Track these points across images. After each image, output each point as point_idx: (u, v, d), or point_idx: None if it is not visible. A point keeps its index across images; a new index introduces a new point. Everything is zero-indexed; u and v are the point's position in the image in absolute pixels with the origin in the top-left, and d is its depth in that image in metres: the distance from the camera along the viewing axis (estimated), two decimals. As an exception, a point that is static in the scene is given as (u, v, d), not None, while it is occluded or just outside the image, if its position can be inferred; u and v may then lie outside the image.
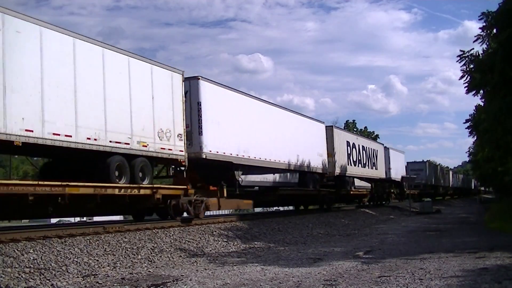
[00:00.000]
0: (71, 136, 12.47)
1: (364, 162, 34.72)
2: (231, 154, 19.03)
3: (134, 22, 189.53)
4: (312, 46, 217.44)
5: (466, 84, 16.19)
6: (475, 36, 15.59)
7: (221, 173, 19.07)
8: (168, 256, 12.40)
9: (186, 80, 17.29)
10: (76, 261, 10.42)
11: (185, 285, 8.84)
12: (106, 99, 13.62)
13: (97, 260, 10.83)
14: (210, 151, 17.84)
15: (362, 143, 35.18)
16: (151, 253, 12.32)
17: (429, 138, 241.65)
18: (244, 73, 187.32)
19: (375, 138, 62.55)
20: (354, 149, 32.59)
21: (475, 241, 16.18)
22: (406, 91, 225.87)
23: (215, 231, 16.15)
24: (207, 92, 18.01)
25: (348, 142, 31.79)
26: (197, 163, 17.57)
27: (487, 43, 15.63)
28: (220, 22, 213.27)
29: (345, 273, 9.71)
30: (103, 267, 10.56)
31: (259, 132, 21.37)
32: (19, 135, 11.16)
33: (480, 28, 15.36)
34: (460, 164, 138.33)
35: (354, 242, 16.80)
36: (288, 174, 24.27)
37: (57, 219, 28.20)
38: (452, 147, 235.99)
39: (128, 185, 14.22)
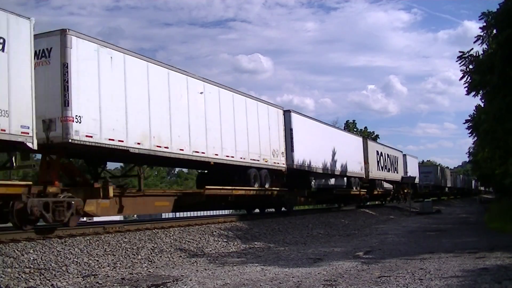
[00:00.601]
0: (233, 157, 19.36)
1: (388, 168, 41.18)
2: (308, 165, 25.37)
3: (133, 22, 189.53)
4: (311, 46, 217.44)
5: (466, 85, 16.19)
6: (475, 37, 15.59)
7: (301, 179, 25.51)
8: (168, 256, 12.40)
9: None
10: (76, 261, 10.43)
11: (185, 285, 8.84)
12: (249, 132, 20.65)
13: (97, 260, 10.83)
14: (298, 163, 24.24)
15: (387, 151, 41.66)
16: (151, 253, 12.32)
17: (429, 138, 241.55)
18: (244, 73, 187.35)
19: (375, 138, 62.69)
20: (381, 156, 39.22)
21: (475, 241, 16.19)
22: (406, 91, 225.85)
23: (215, 231, 16.16)
24: (295, 121, 24.53)
25: (377, 151, 38.38)
26: (281, 171, 23.52)
27: (487, 44, 15.63)
28: (220, 22, 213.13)
29: (345, 273, 9.71)
30: (103, 267, 10.57)
31: (324, 148, 28.01)
32: (212, 158, 18.02)
33: (480, 28, 15.37)
34: (460, 164, 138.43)
35: (354, 242, 16.81)
36: (340, 178, 31.09)
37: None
38: (452, 147, 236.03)
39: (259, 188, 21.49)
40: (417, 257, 12.02)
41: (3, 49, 11.18)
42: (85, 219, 28.40)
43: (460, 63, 16.03)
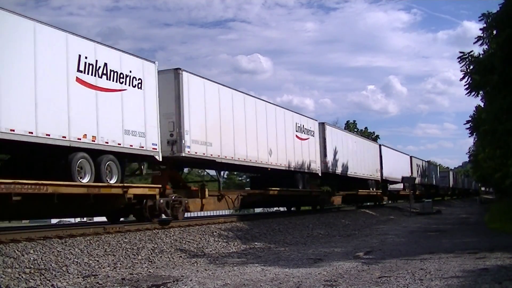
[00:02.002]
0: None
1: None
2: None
3: (133, 23, 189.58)
4: (311, 47, 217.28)
5: (467, 85, 16.20)
6: (475, 38, 15.61)
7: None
8: (168, 257, 12.40)
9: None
10: (77, 262, 10.43)
11: (185, 285, 8.84)
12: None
13: (98, 261, 10.83)
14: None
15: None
16: (151, 253, 12.32)
17: (429, 138, 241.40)
18: (244, 73, 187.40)
19: (375, 138, 62.73)
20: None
21: (475, 241, 16.19)
22: (405, 91, 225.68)
23: (215, 232, 16.15)
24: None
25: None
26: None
27: (487, 44, 15.64)
28: (220, 22, 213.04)
29: (346, 274, 9.71)
30: (103, 268, 10.57)
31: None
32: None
33: (480, 29, 15.39)
34: (461, 164, 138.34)
35: (355, 243, 16.80)
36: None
37: (57, 220, 28.19)
38: (452, 148, 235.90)
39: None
40: (417, 257, 12.02)
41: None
42: (85, 219, 28.45)
43: (460, 64, 16.06)
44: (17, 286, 8.56)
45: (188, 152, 16.39)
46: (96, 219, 23.81)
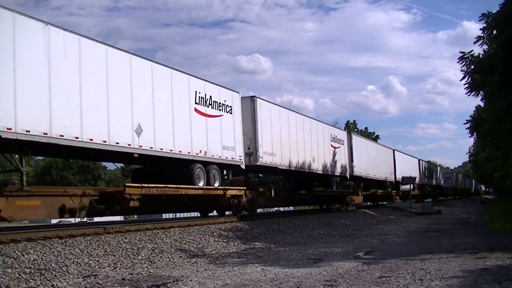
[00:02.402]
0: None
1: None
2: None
3: (133, 23, 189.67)
4: (311, 47, 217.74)
5: (467, 85, 16.20)
6: (475, 38, 15.61)
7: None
8: (168, 257, 12.40)
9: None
10: (77, 262, 10.43)
11: (186, 285, 8.84)
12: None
13: (98, 261, 10.83)
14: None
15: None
16: (152, 253, 12.32)
17: (428, 138, 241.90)
18: (243, 73, 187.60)
19: (375, 138, 62.80)
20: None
21: (475, 241, 16.19)
22: (405, 91, 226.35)
23: (216, 232, 16.15)
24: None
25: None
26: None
27: (488, 44, 15.64)
28: (219, 22, 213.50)
29: (346, 274, 9.71)
30: (103, 268, 10.57)
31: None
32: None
33: (480, 29, 15.39)
34: (461, 164, 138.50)
35: (355, 243, 16.80)
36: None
37: (58, 220, 28.18)
38: (452, 148, 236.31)
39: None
40: (417, 257, 12.02)
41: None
42: (85, 219, 28.43)
43: (461, 64, 16.06)
44: (17, 286, 8.56)
45: (261, 161, 21.05)
46: (96, 219, 23.82)
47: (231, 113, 19.68)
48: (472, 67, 15.91)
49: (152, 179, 16.12)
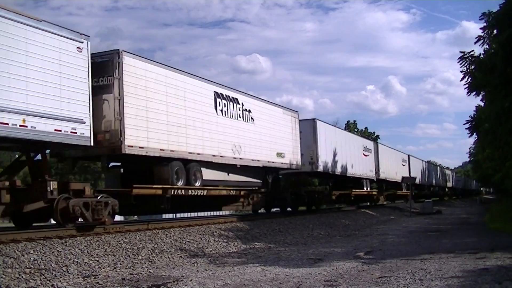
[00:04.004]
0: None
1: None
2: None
3: (132, 23, 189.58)
4: (310, 47, 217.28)
5: (467, 86, 16.19)
6: (475, 37, 15.61)
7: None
8: (168, 257, 12.40)
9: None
10: (77, 262, 10.42)
11: (186, 285, 8.84)
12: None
13: (98, 261, 10.83)
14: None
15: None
16: (152, 253, 12.32)
17: (428, 138, 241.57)
18: (243, 73, 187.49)
19: (375, 138, 62.73)
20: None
21: (475, 241, 16.18)
22: (405, 91, 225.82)
23: (216, 232, 16.15)
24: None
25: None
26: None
27: (488, 44, 15.64)
28: (219, 22, 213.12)
29: (346, 274, 9.71)
30: (103, 268, 10.57)
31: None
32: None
33: (480, 28, 15.39)
34: (461, 164, 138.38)
35: (355, 243, 16.79)
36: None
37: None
38: (452, 148, 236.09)
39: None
40: (417, 257, 12.01)
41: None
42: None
43: (461, 64, 16.05)
44: (17, 286, 8.56)
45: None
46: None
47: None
48: (473, 67, 15.91)
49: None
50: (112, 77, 14.17)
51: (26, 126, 11.32)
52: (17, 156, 14.12)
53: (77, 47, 12.95)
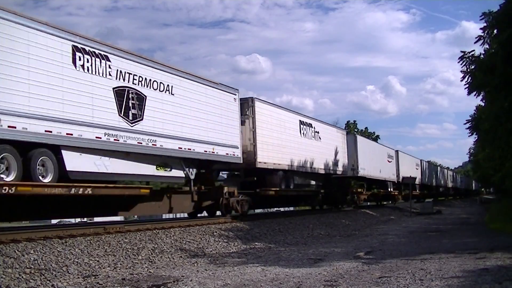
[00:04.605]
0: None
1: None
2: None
3: (132, 23, 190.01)
4: (310, 47, 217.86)
5: (467, 85, 16.19)
6: (476, 37, 15.60)
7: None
8: (168, 257, 12.40)
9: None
10: (77, 262, 10.42)
11: (186, 285, 8.84)
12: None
13: (98, 261, 10.83)
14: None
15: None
16: (152, 253, 12.32)
17: (428, 138, 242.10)
18: (243, 73, 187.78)
19: (375, 139, 62.77)
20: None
21: (475, 241, 16.18)
22: (405, 91, 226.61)
23: (216, 232, 16.14)
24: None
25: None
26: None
27: (488, 44, 15.63)
28: (218, 22, 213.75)
29: (346, 274, 9.71)
30: (103, 268, 10.57)
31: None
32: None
33: (481, 28, 15.38)
34: (461, 164, 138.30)
35: (355, 243, 16.80)
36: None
37: (58, 220, 28.19)
38: (452, 148, 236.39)
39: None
40: (417, 257, 12.01)
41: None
42: (85, 219, 28.42)
43: (461, 64, 16.04)
44: (17, 286, 8.56)
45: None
46: (96, 219, 23.82)
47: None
48: (473, 67, 15.91)
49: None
50: (247, 115, 20.51)
51: (214, 152, 18.05)
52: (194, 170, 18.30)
53: (234, 98, 19.56)
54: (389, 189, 42.90)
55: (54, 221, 28.55)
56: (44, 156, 12.05)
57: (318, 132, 27.63)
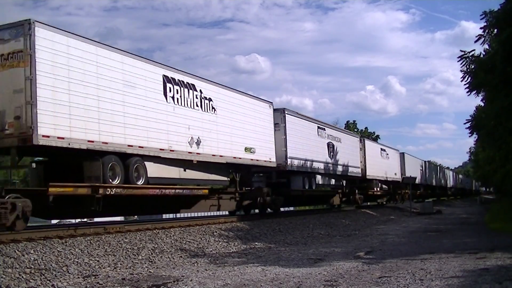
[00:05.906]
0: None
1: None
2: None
3: (131, 23, 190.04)
4: (310, 47, 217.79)
5: (467, 85, 16.18)
6: (476, 36, 15.61)
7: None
8: (168, 257, 12.40)
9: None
10: (77, 262, 10.42)
11: (186, 285, 8.84)
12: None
13: (98, 261, 10.83)
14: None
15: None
16: (152, 253, 12.32)
17: (428, 138, 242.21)
18: (242, 73, 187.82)
19: (375, 139, 62.87)
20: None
21: (475, 241, 16.17)
22: (404, 91, 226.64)
23: (216, 232, 16.15)
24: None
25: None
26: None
27: (488, 43, 15.64)
28: (218, 22, 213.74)
29: (346, 274, 9.71)
30: (103, 268, 10.57)
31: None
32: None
33: (481, 28, 15.38)
34: (461, 164, 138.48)
35: (355, 243, 16.79)
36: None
37: (57, 220, 28.16)
38: (452, 148, 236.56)
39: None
40: (417, 257, 12.01)
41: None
42: (85, 219, 28.40)
43: (461, 63, 16.04)
44: (17, 286, 8.56)
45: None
46: (97, 219, 23.81)
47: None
48: (473, 66, 15.90)
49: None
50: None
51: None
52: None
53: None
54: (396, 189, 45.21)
55: (54, 221, 28.53)
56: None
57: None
